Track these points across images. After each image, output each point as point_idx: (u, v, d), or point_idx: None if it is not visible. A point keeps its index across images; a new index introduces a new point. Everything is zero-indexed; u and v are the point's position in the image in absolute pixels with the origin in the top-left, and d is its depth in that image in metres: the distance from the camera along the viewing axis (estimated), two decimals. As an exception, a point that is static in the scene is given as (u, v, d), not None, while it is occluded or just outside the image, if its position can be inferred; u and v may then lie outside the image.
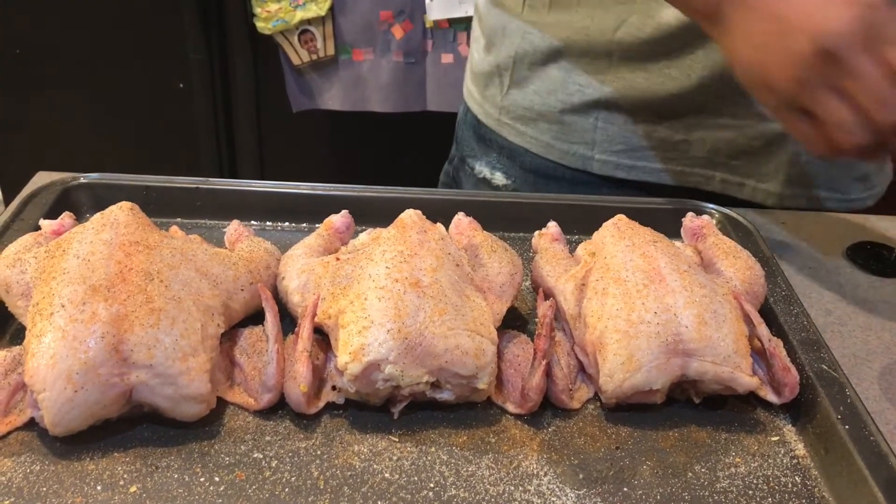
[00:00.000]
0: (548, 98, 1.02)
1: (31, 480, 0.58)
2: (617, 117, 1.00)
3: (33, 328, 0.61)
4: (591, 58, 0.97)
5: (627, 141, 1.01)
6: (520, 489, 0.60)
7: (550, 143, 1.04)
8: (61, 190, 0.86)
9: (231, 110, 2.09)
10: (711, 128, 0.98)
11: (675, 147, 1.00)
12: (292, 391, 0.63)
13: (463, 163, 1.15)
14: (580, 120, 1.01)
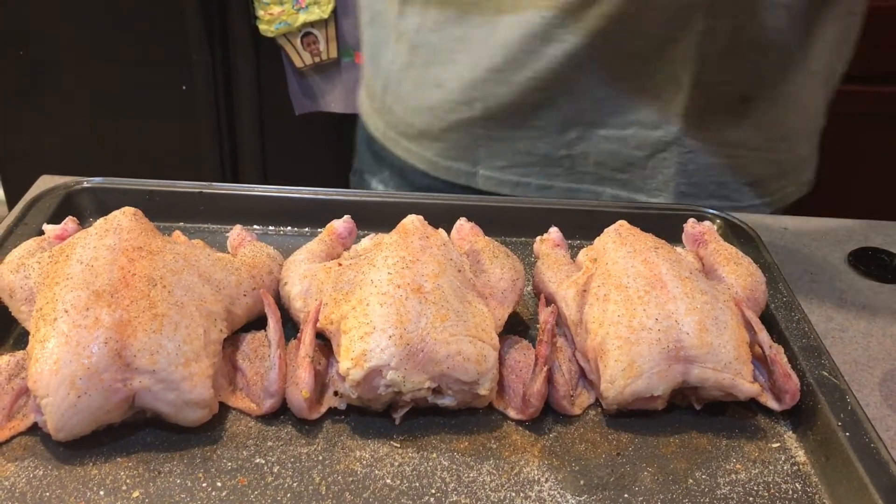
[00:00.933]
0: (426, 114, 1.00)
1: (35, 485, 0.58)
2: (496, 133, 0.98)
3: (37, 333, 0.61)
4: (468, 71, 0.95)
5: (509, 157, 0.99)
6: (521, 495, 0.60)
7: (433, 159, 1.02)
8: (65, 194, 0.86)
9: (234, 112, 2.09)
10: (594, 140, 0.96)
11: (559, 163, 0.98)
12: (294, 397, 0.64)
13: (362, 177, 1.13)
14: (461, 136, 0.99)
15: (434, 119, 0.99)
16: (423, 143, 1.02)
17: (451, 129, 0.99)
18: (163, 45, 2.01)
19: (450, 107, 0.98)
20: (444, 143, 1.01)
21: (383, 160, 1.08)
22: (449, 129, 0.99)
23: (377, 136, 1.08)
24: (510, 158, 0.99)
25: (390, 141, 1.06)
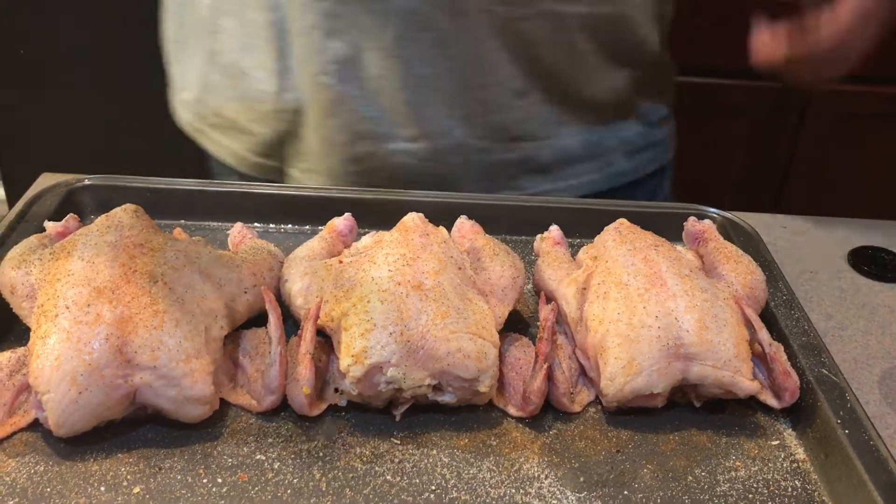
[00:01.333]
0: (237, 105, 0.97)
1: (36, 481, 0.58)
2: (298, 131, 0.95)
3: (38, 330, 0.61)
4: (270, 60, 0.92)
5: (314, 160, 0.97)
6: (521, 492, 0.60)
7: (243, 154, 1.00)
8: (66, 191, 0.86)
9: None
10: (383, 155, 0.94)
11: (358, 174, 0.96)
12: (295, 393, 0.64)
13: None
14: (269, 131, 0.97)
15: (245, 110, 0.97)
16: (232, 134, 0.99)
17: (259, 122, 0.96)
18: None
19: (257, 97, 0.95)
20: (253, 136, 0.98)
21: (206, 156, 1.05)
22: (256, 120, 0.96)
23: (188, 130, 1.05)
24: (314, 160, 0.97)
25: (198, 133, 1.03)
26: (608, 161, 1.02)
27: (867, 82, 1.85)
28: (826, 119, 1.89)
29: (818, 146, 1.92)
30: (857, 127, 1.90)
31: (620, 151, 1.02)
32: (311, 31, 0.88)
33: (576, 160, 1.00)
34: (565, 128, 0.97)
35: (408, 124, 0.92)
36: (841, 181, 1.96)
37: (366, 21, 0.86)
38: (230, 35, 0.94)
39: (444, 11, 0.85)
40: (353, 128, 0.92)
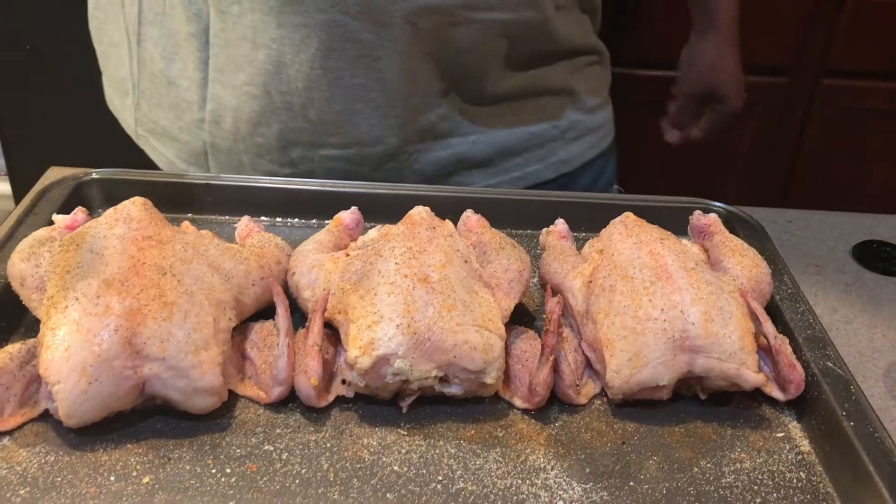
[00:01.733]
0: (168, 112, 0.98)
1: (46, 471, 0.59)
2: (220, 141, 0.95)
3: (48, 321, 0.62)
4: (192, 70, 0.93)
5: (236, 169, 0.97)
6: (527, 482, 0.61)
7: (173, 160, 1.00)
8: (73, 185, 0.87)
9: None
10: (317, 161, 0.95)
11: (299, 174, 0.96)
12: (303, 385, 0.64)
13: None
14: (193, 139, 0.97)
15: (173, 118, 0.97)
16: (166, 142, 1.00)
17: (186, 131, 0.97)
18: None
19: (185, 106, 0.95)
20: (181, 144, 0.98)
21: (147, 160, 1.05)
22: (184, 129, 0.97)
23: (131, 135, 1.05)
24: (238, 170, 0.97)
25: (141, 139, 1.04)
26: (548, 150, 1.02)
27: (872, 77, 1.85)
28: (831, 114, 1.88)
29: (824, 141, 1.92)
30: (862, 122, 1.89)
31: (559, 140, 1.03)
32: (239, 42, 0.88)
33: (514, 153, 1.00)
34: (496, 122, 0.98)
35: (339, 132, 0.92)
36: (846, 176, 1.96)
37: (289, 34, 0.86)
38: (155, 44, 0.94)
39: (367, 24, 0.85)
40: (284, 136, 0.93)
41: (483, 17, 0.89)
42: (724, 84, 1.15)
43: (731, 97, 1.16)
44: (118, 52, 1.01)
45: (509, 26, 0.91)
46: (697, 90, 1.17)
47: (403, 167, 0.96)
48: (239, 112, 0.92)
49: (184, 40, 0.92)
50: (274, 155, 0.94)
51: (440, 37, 0.88)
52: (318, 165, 0.95)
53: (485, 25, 0.89)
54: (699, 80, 1.16)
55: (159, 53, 0.94)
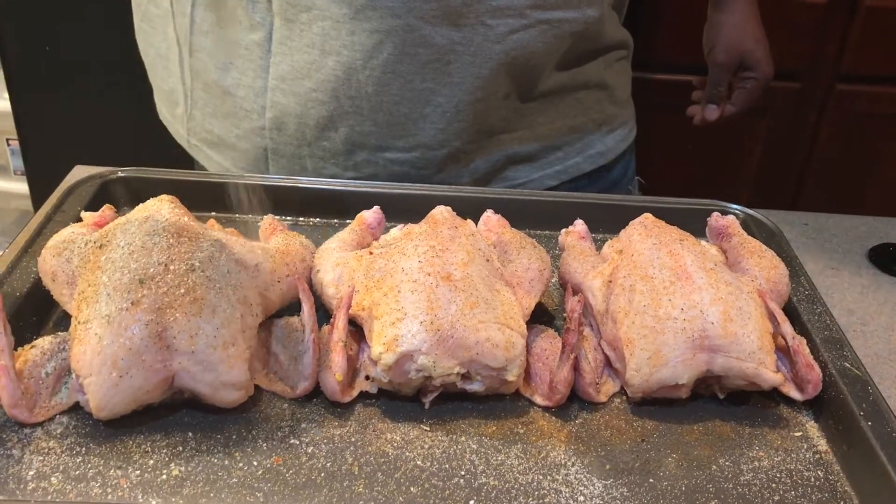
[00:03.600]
0: (223, 121, 0.98)
1: (77, 461, 0.60)
2: (283, 147, 0.96)
3: (79, 315, 0.63)
4: (250, 79, 0.94)
5: (299, 174, 0.98)
6: (548, 478, 0.62)
7: (230, 169, 1.01)
8: (100, 183, 0.88)
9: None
10: (381, 163, 0.95)
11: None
12: (327, 380, 0.65)
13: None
14: (253, 146, 0.98)
15: (230, 126, 0.98)
16: (222, 151, 1.01)
17: (244, 138, 0.98)
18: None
19: (242, 114, 0.96)
20: (239, 152, 0.99)
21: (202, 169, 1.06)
22: (243, 137, 0.98)
23: (183, 145, 1.06)
24: (300, 175, 0.98)
25: (194, 148, 1.05)
26: (587, 143, 1.04)
27: (885, 83, 1.86)
28: (845, 118, 1.89)
29: (837, 145, 1.93)
30: (875, 126, 1.90)
31: (595, 133, 1.04)
32: (305, 50, 0.89)
33: (556, 147, 1.02)
34: (539, 118, 0.99)
35: (405, 135, 0.93)
36: (860, 179, 1.96)
37: (362, 40, 0.87)
38: (209, 54, 0.95)
39: (440, 27, 0.86)
40: (351, 140, 0.94)
41: (550, 16, 0.90)
42: (753, 51, 1.14)
43: (763, 62, 1.14)
44: (165, 64, 1.03)
45: (573, 25, 0.93)
46: (728, 60, 1.15)
47: (462, 167, 0.97)
48: (304, 118, 0.93)
49: (242, 49, 0.92)
50: (339, 158, 0.96)
51: (510, 38, 0.90)
52: (381, 168, 0.96)
53: (551, 25, 0.91)
54: (728, 50, 1.15)
55: (213, 63, 0.95)
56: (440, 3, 0.85)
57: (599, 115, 1.04)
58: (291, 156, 0.97)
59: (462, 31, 0.87)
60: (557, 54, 0.95)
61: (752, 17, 1.15)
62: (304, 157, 0.96)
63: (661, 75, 1.76)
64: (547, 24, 0.91)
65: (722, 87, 1.17)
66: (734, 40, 1.14)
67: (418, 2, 0.84)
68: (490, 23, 0.88)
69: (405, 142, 0.94)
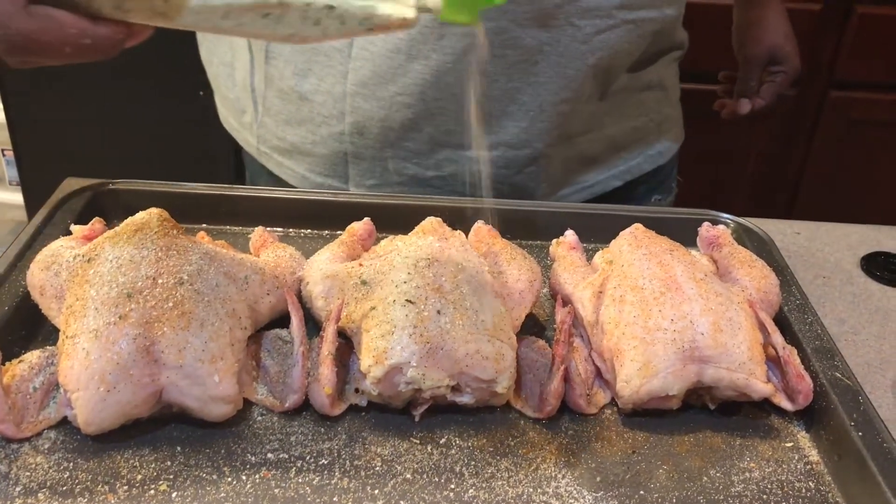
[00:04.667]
0: (298, 128, 0.98)
1: (64, 477, 0.60)
2: (364, 151, 0.96)
3: (67, 329, 0.63)
4: (329, 85, 0.94)
5: (379, 175, 0.98)
6: (538, 491, 0.61)
7: (305, 175, 1.01)
8: (90, 196, 0.88)
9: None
10: (462, 162, 0.96)
11: (429, 183, 0.98)
12: (316, 393, 0.65)
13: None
14: (332, 151, 0.98)
15: (305, 132, 0.98)
16: (295, 157, 1.01)
17: (322, 144, 0.98)
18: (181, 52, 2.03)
19: (320, 120, 0.96)
20: (315, 157, 0.99)
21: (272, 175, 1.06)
22: (320, 143, 0.98)
23: (251, 152, 1.06)
24: (381, 177, 0.98)
25: (264, 156, 1.05)
26: (647, 144, 1.05)
27: (879, 89, 1.86)
28: (838, 126, 1.89)
29: (831, 152, 1.93)
30: (869, 133, 1.90)
31: (655, 133, 1.06)
32: (390, 55, 0.89)
33: (621, 147, 1.03)
34: (605, 118, 1.00)
35: (487, 133, 0.94)
36: (853, 187, 1.96)
37: (452, 43, 0.87)
38: (286, 61, 0.95)
39: (530, 29, 0.87)
40: (435, 139, 0.94)
41: (635, 16, 0.91)
42: (782, 46, 1.16)
43: (792, 56, 1.16)
44: (230, 72, 1.03)
45: (653, 24, 0.94)
46: (759, 55, 1.17)
47: (540, 170, 0.98)
48: (388, 122, 0.93)
49: (321, 55, 0.92)
50: (421, 158, 0.96)
51: (596, 38, 0.90)
52: (462, 167, 0.96)
53: (635, 25, 0.92)
54: (759, 45, 1.17)
55: (291, 70, 0.95)
56: (534, 6, 0.86)
57: (657, 115, 1.05)
58: (373, 158, 0.97)
59: (551, 32, 0.88)
60: (637, 54, 0.96)
61: (780, 13, 1.18)
62: (386, 159, 0.97)
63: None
64: (632, 23, 0.92)
65: (753, 82, 1.18)
66: (765, 36, 1.17)
67: (512, 4, 0.85)
68: (578, 24, 0.89)
69: (487, 140, 0.94)
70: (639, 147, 1.05)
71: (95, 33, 0.54)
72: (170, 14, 0.55)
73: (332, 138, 0.96)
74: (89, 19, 0.53)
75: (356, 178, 0.99)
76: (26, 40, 0.53)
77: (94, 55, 0.55)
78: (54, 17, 0.53)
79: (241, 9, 0.55)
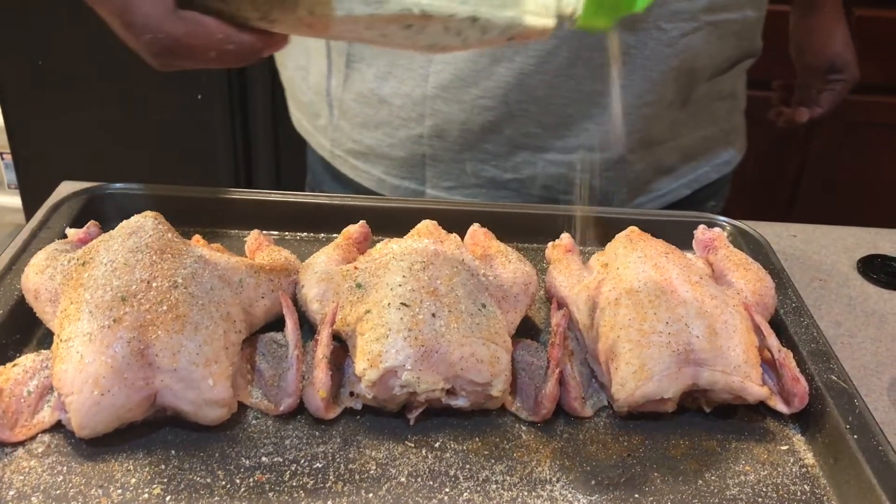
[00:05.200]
0: (375, 131, 0.98)
1: (58, 481, 0.60)
2: (443, 153, 0.97)
3: (61, 333, 0.63)
4: (409, 88, 0.94)
5: (457, 178, 0.98)
6: (533, 494, 0.61)
7: (382, 177, 1.01)
8: (86, 199, 0.88)
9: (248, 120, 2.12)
10: (541, 165, 0.96)
11: (506, 185, 0.98)
12: (311, 397, 0.65)
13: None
14: (409, 154, 0.98)
15: (382, 135, 0.98)
16: (370, 160, 1.01)
17: (399, 146, 0.98)
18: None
19: (398, 123, 0.96)
20: (391, 160, 0.99)
21: (339, 179, 1.06)
22: (397, 145, 0.98)
23: (324, 155, 1.07)
24: (458, 179, 0.98)
25: (338, 159, 1.05)
26: (715, 153, 1.06)
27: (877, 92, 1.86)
28: (835, 128, 1.89)
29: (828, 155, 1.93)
30: (866, 136, 1.90)
31: (722, 143, 1.06)
32: (473, 59, 0.89)
33: (692, 157, 1.04)
34: (681, 128, 1.00)
35: (568, 135, 0.94)
36: (851, 190, 1.96)
37: (538, 46, 0.87)
38: (368, 64, 0.95)
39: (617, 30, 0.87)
40: (514, 141, 0.94)
41: (717, 18, 0.91)
42: (842, 54, 1.16)
43: (852, 65, 1.16)
44: (304, 76, 1.03)
45: (733, 26, 0.94)
46: (819, 63, 1.17)
47: (618, 176, 0.98)
48: (469, 125, 0.93)
49: (403, 59, 0.92)
50: (499, 160, 0.96)
51: (681, 41, 0.91)
52: (540, 170, 0.96)
53: (717, 27, 0.92)
54: (819, 53, 1.17)
55: (372, 74, 0.95)
56: None
57: (727, 124, 1.06)
58: (451, 160, 0.97)
59: (637, 35, 0.89)
60: (718, 58, 0.96)
61: (839, 21, 1.17)
62: (464, 161, 0.97)
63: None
64: (713, 26, 0.92)
65: (812, 90, 1.18)
66: (824, 44, 1.17)
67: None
68: (665, 27, 0.89)
69: (567, 142, 0.94)
70: (707, 156, 1.05)
71: (239, 40, 0.55)
72: (316, 25, 0.56)
73: (411, 141, 0.96)
74: (234, 26, 0.55)
75: (433, 179, 0.99)
76: (175, 44, 0.54)
77: (235, 61, 0.56)
78: (202, 22, 0.54)
79: (385, 20, 0.55)
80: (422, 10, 0.54)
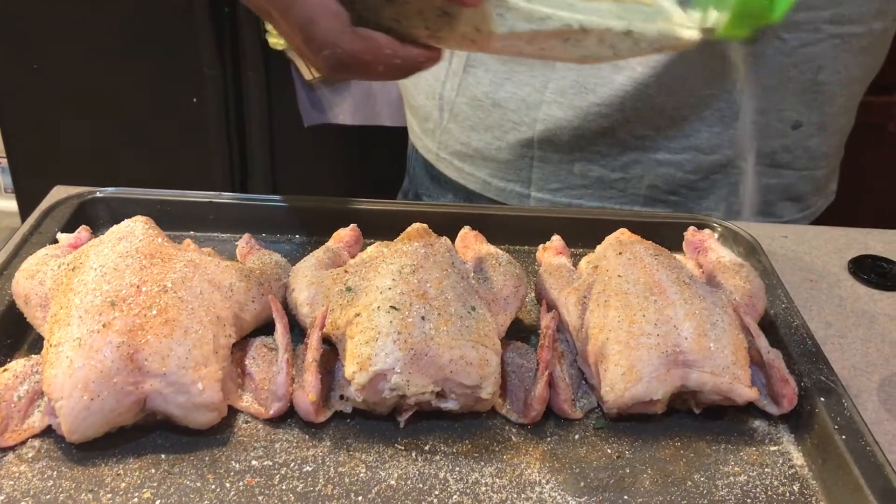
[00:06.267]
0: (484, 134, 1.00)
1: (48, 486, 0.60)
2: (552, 155, 0.98)
3: (51, 338, 0.63)
4: (526, 93, 0.96)
5: (563, 179, 0.99)
6: (522, 497, 0.62)
7: (487, 180, 1.02)
8: (78, 204, 0.88)
9: (243, 124, 2.12)
10: (649, 164, 0.98)
11: (612, 185, 0.99)
12: (301, 400, 0.65)
13: (418, 199, 1.13)
14: (517, 156, 0.99)
15: (491, 138, 0.99)
16: (477, 162, 1.02)
17: (507, 149, 0.99)
18: (174, 59, 2.04)
19: (509, 126, 0.97)
20: (498, 163, 1.01)
21: (446, 184, 1.07)
22: (505, 148, 0.99)
23: (429, 158, 1.08)
24: (564, 180, 0.99)
25: (443, 162, 1.06)
26: (833, 182, 1.09)
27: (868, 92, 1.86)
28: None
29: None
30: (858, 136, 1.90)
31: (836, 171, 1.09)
32: (599, 67, 0.90)
33: (821, 189, 1.06)
34: (826, 157, 1.01)
35: (679, 136, 0.95)
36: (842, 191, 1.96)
37: (661, 56, 0.88)
38: (486, 69, 0.96)
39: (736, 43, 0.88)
40: (625, 143, 0.95)
41: (842, 30, 0.91)
42: None
43: None
44: (415, 81, 1.04)
45: (860, 39, 0.94)
46: None
47: (729, 182, 0.98)
48: (581, 130, 0.94)
49: (524, 66, 0.94)
50: (608, 160, 0.97)
51: (800, 51, 0.91)
52: (648, 169, 0.97)
53: (842, 40, 0.92)
54: None
55: (490, 78, 0.96)
56: None
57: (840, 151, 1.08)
58: (559, 162, 0.98)
59: (756, 45, 0.89)
60: (844, 73, 0.96)
61: None
62: (573, 162, 0.98)
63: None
64: (838, 38, 0.92)
65: None
66: None
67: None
68: (785, 37, 0.90)
69: (678, 143, 0.95)
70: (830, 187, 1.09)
71: (406, 55, 0.58)
72: (479, 41, 0.58)
73: (520, 144, 0.98)
74: (400, 42, 0.57)
75: (539, 182, 1.00)
76: (351, 59, 0.57)
77: (398, 74, 0.59)
78: (374, 38, 0.57)
79: (545, 36, 0.58)
80: (581, 25, 0.57)
